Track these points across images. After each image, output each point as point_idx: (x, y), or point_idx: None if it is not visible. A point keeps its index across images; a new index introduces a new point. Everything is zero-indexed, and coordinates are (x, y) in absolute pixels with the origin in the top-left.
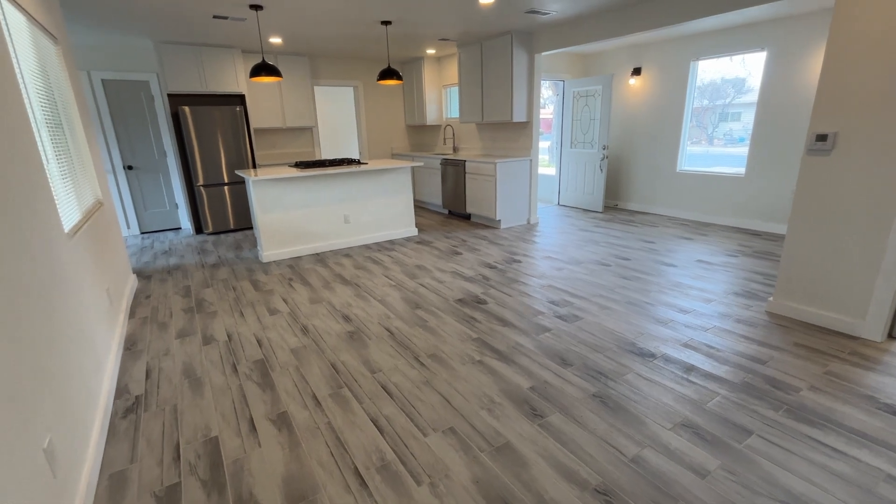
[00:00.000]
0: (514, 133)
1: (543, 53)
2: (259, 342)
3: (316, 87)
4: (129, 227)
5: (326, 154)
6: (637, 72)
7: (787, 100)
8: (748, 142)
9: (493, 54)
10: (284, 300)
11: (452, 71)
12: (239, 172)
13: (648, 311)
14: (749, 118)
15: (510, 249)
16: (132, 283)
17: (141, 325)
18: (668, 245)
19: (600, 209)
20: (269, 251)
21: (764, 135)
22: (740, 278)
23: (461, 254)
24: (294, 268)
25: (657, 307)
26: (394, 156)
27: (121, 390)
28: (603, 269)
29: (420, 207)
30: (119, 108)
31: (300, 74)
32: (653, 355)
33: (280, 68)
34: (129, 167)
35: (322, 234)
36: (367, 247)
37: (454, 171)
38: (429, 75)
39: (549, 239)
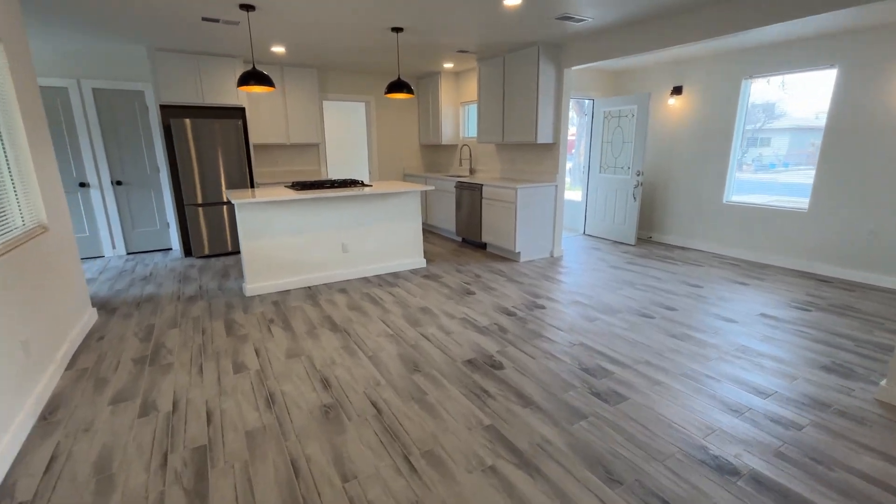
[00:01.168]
0: (537, 155)
1: (574, 68)
2: (209, 416)
3: (325, 102)
4: (114, 248)
5: (334, 173)
6: (678, 90)
7: (864, 124)
8: (779, 167)
9: (517, 68)
10: (257, 351)
11: (471, 87)
12: (229, 193)
13: (713, 389)
14: (781, 143)
15: (531, 290)
16: (87, 319)
17: (74, 381)
18: (719, 291)
19: (633, 241)
20: (254, 284)
21: (833, 165)
22: (823, 343)
23: (474, 293)
24: (279, 305)
25: (723, 384)
26: (406, 177)
27: (3, 493)
28: (644, 321)
29: (431, 232)
30: (110, 120)
31: (307, 88)
32: (735, 472)
33: (285, 80)
34: (118, 182)
35: (316, 265)
36: (366, 280)
37: (470, 196)
38: (445, 91)
39: (576, 277)
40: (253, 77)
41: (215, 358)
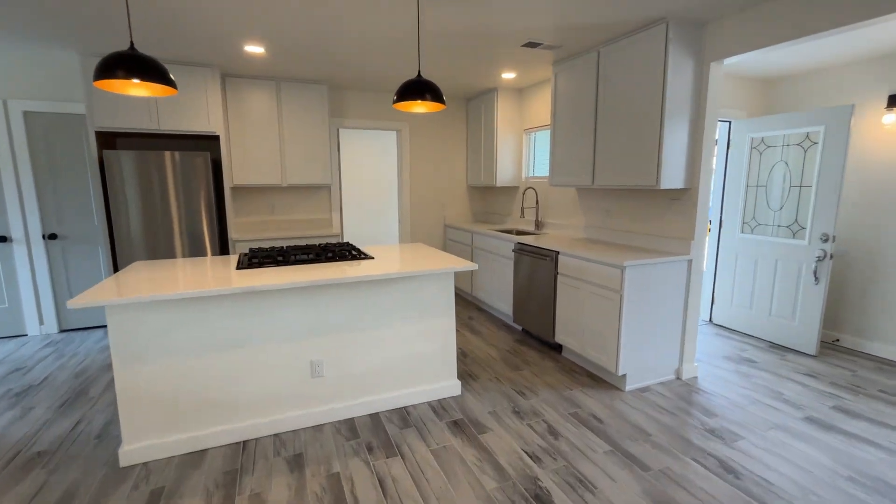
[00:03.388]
0: (654, 208)
1: (726, 61)
2: None
3: (341, 131)
4: (42, 324)
5: (351, 224)
6: None
7: None
8: None
9: (624, 66)
10: None
11: (540, 108)
12: (103, 287)
13: None
14: None
15: (671, 487)
16: None
17: None
18: None
19: (813, 350)
20: (135, 445)
21: None
22: None
23: (548, 494)
24: (171, 494)
25: None
26: (447, 229)
27: None
28: None
29: (475, 307)
30: (46, 152)
31: (313, 111)
32: None
33: (282, 100)
34: (52, 236)
35: (261, 403)
36: (350, 426)
37: (536, 267)
38: (504, 114)
39: (744, 441)
40: (122, 64)
41: None
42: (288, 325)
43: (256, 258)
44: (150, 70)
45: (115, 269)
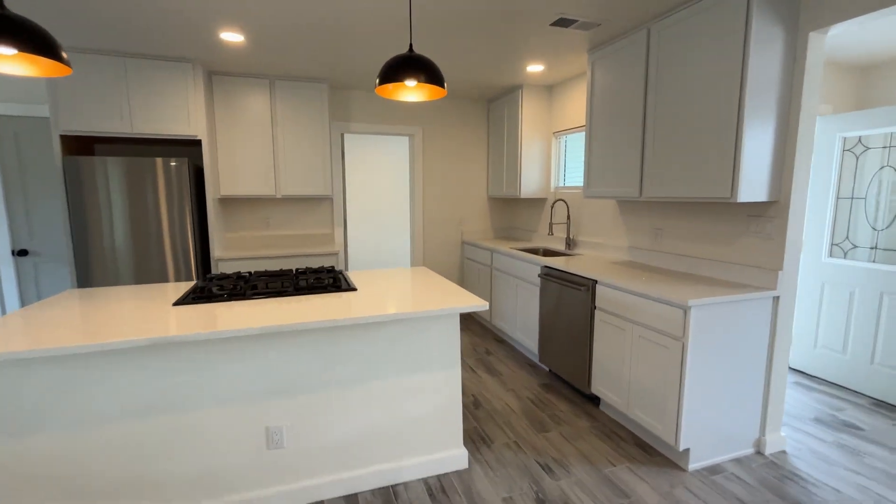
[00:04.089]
0: (723, 226)
1: (831, 29)
2: None
3: (346, 136)
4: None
5: (357, 238)
6: None
7: None
8: None
9: (685, 43)
10: None
11: (572, 107)
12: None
13: None
14: None
15: None
16: None
17: None
18: None
19: None
20: None
21: None
22: None
23: None
24: None
25: None
26: (465, 246)
27: None
28: None
29: (494, 338)
30: (14, 159)
31: (312, 113)
32: None
33: (276, 101)
34: (22, 252)
35: (198, 483)
36: None
37: (567, 297)
38: (530, 114)
39: None
40: None
41: None
42: (234, 382)
43: (205, 290)
44: (25, 34)
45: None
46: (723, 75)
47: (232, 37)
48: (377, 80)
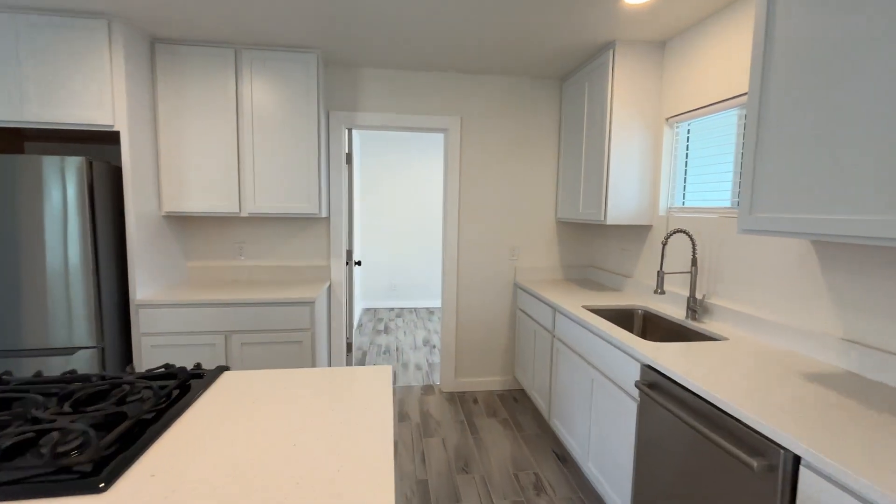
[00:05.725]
0: None
1: None
2: None
3: (355, 132)
4: None
5: (377, 266)
6: None
7: None
8: None
9: None
10: None
11: (709, 70)
12: None
13: None
14: None
15: None
16: None
17: None
18: None
19: None
20: None
21: None
22: None
23: None
24: None
25: None
26: (518, 289)
27: None
28: None
29: (554, 448)
30: None
31: (294, 94)
32: None
33: (240, 77)
34: None
35: None
36: None
37: (703, 452)
38: (625, 88)
39: None
40: None
41: None
42: None
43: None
44: None
45: None
46: None
47: None
48: None
